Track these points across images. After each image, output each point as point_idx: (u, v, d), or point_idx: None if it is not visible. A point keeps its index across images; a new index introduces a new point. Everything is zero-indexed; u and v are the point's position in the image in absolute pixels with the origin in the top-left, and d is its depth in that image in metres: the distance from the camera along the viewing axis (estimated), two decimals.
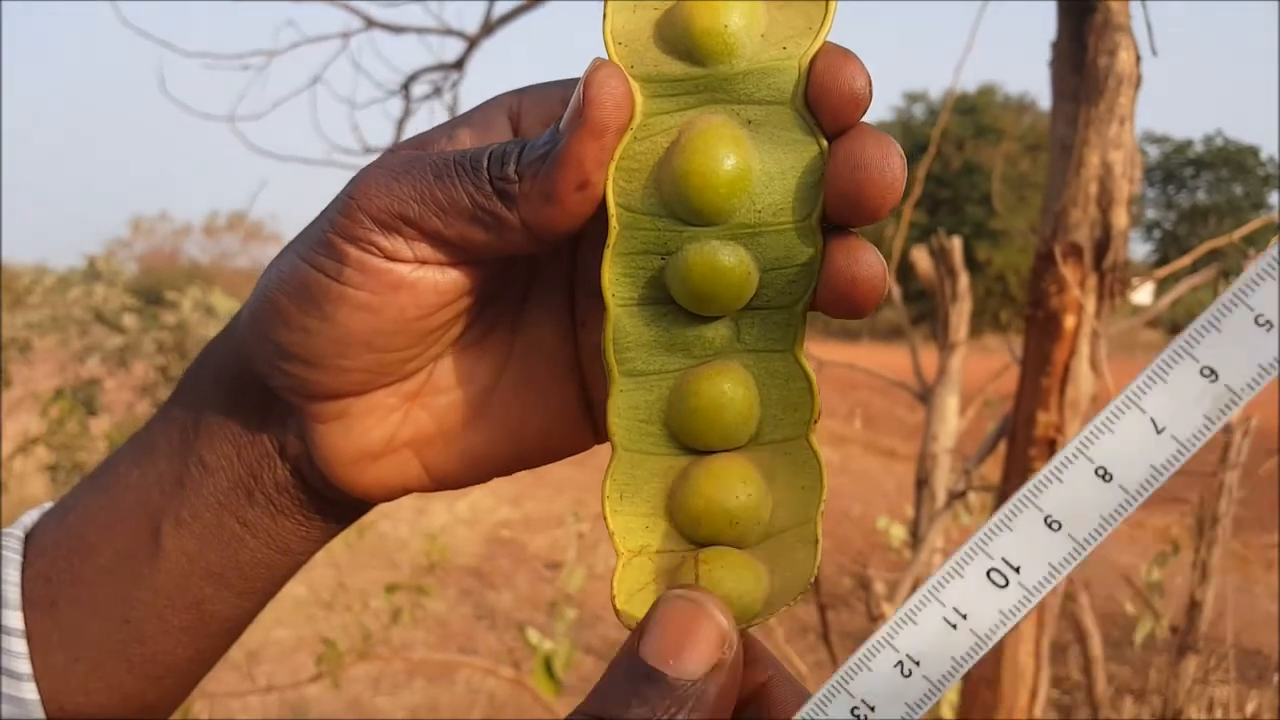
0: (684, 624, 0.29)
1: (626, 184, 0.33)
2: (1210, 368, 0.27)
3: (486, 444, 0.39)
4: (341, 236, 0.34)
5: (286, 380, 0.37)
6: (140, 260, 27.80)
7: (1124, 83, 1.46)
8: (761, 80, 0.33)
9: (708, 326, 0.34)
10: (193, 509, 0.40)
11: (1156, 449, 0.27)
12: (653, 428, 0.35)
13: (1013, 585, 0.27)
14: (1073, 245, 1.48)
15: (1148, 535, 4.56)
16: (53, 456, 4.26)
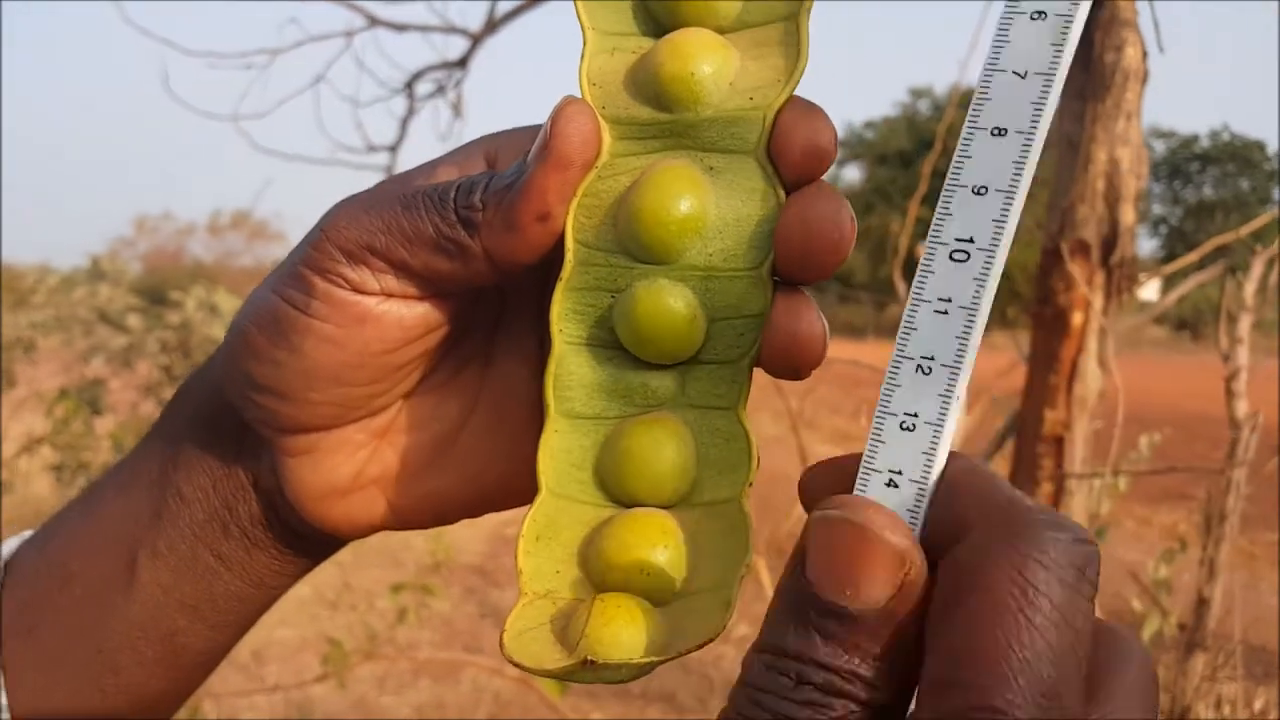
0: (851, 548, 0.25)
1: (586, 220, 0.33)
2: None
3: (452, 485, 0.39)
4: (310, 268, 0.35)
5: (258, 412, 0.37)
6: (144, 259, 27.88)
7: (1131, 79, 1.45)
8: (726, 129, 0.33)
9: (653, 375, 0.34)
10: (169, 540, 0.40)
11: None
12: (582, 474, 0.34)
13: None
14: (1080, 242, 1.48)
15: (1155, 532, 4.55)
16: (58, 456, 4.26)
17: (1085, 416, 1.51)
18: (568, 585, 0.33)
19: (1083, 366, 1.49)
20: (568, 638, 0.31)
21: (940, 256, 0.28)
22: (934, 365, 0.27)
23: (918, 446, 0.27)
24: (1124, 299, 1.51)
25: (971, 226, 0.28)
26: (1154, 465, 2.34)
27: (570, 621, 0.31)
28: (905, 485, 0.27)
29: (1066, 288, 1.49)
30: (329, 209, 0.36)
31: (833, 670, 0.24)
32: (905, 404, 0.27)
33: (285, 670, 3.09)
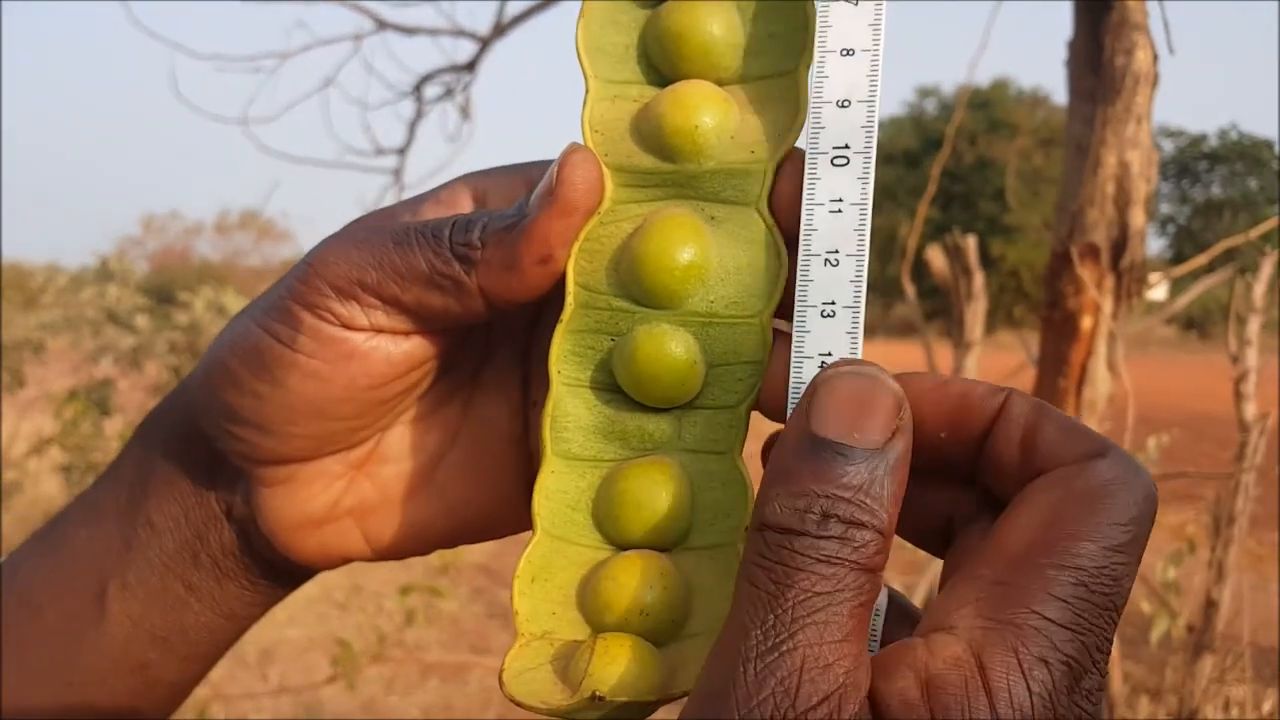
0: (859, 394, 0.28)
1: (587, 264, 0.34)
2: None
3: (428, 517, 0.39)
4: (298, 303, 0.35)
5: (234, 444, 0.37)
6: (152, 258, 27.90)
7: (1141, 82, 1.44)
8: (727, 180, 0.33)
9: (649, 419, 0.34)
10: (139, 572, 0.40)
11: None
12: (578, 515, 0.34)
13: (839, 313, 0.31)
14: (1090, 246, 1.47)
15: (1164, 534, 4.54)
16: (67, 457, 4.28)
17: (1094, 420, 1.50)
18: (565, 626, 0.33)
19: (1092, 370, 1.49)
20: (569, 677, 0.31)
21: None
22: (839, 257, 0.31)
23: (840, 329, 0.31)
24: (1134, 302, 1.51)
25: None
26: (1162, 468, 2.33)
27: (571, 661, 0.31)
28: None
29: (1076, 291, 1.48)
30: (316, 245, 0.36)
31: (852, 502, 0.26)
32: (822, 295, 0.31)
33: (293, 670, 3.10)
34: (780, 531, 0.26)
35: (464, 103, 2.80)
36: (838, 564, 0.26)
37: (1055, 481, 0.28)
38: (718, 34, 0.34)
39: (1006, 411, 0.30)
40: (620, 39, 0.35)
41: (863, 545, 0.26)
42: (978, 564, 0.27)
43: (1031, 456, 0.29)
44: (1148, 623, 2.11)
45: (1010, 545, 0.27)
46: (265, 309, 0.36)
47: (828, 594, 0.25)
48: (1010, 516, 0.28)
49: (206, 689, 2.51)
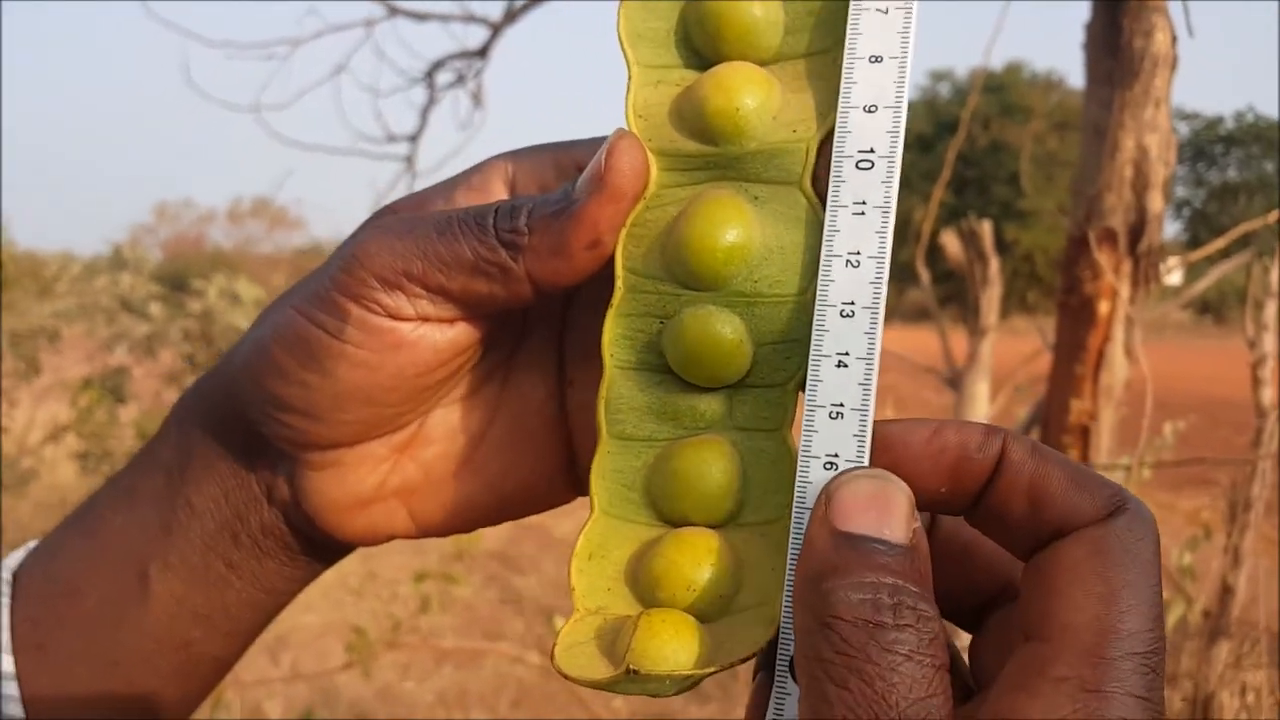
0: (876, 495, 0.28)
1: (635, 248, 0.34)
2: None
3: (471, 495, 0.40)
4: (344, 294, 0.35)
5: (281, 430, 0.37)
6: (164, 246, 28.00)
7: (1160, 64, 1.43)
8: (770, 160, 0.34)
9: (700, 399, 0.34)
10: (180, 553, 0.40)
11: None
12: (634, 494, 0.35)
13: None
14: (1107, 230, 1.46)
15: (1179, 519, 4.52)
16: (82, 444, 4.30)
17: (1111, 406, 1.50)
18: (618, 602, 0.34)
19: (1109, 356, 1.48)
20: (615, 651, 0.31)
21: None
22: (861, 259, 0.31)
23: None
24: (1151, 287, 1.50)
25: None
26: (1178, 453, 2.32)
27: (618, 636, 0.32)
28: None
29: (1093, 276, 1.47)
30: (356, 233, 0.36)
31: (916, 590, 0.26)
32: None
33: (309, 657, 3.12)
34: (855, 624, 0.26)
35: (476, 89, 2.79)
36: (924, 662, 0.26)
37: (1089, 548, 0.28)
38: (758, 14, 0.34)
39: (1006, 459, 0.30)
40: (660, 24, 0.35)
41: (935, 639, 0.26)
42: (1050, 660, 0.27)
43: (1041, 509, 0.29)
44: (1164, 608, 2.10)
45: (1077, 632, 0.27)
46: (309, 299, 0.36)
47: (926, 699, 0.25)
48: (1061, 594, 0.28)
49: None
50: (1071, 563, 0.28)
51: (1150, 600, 0.28)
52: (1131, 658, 0.27)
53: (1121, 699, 0.26)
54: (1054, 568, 0.29)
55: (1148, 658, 0.27)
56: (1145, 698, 0.27)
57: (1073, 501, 0.29)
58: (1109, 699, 0.26)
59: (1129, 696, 0.26)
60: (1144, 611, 0.27)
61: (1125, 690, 0.26)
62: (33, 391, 4.66)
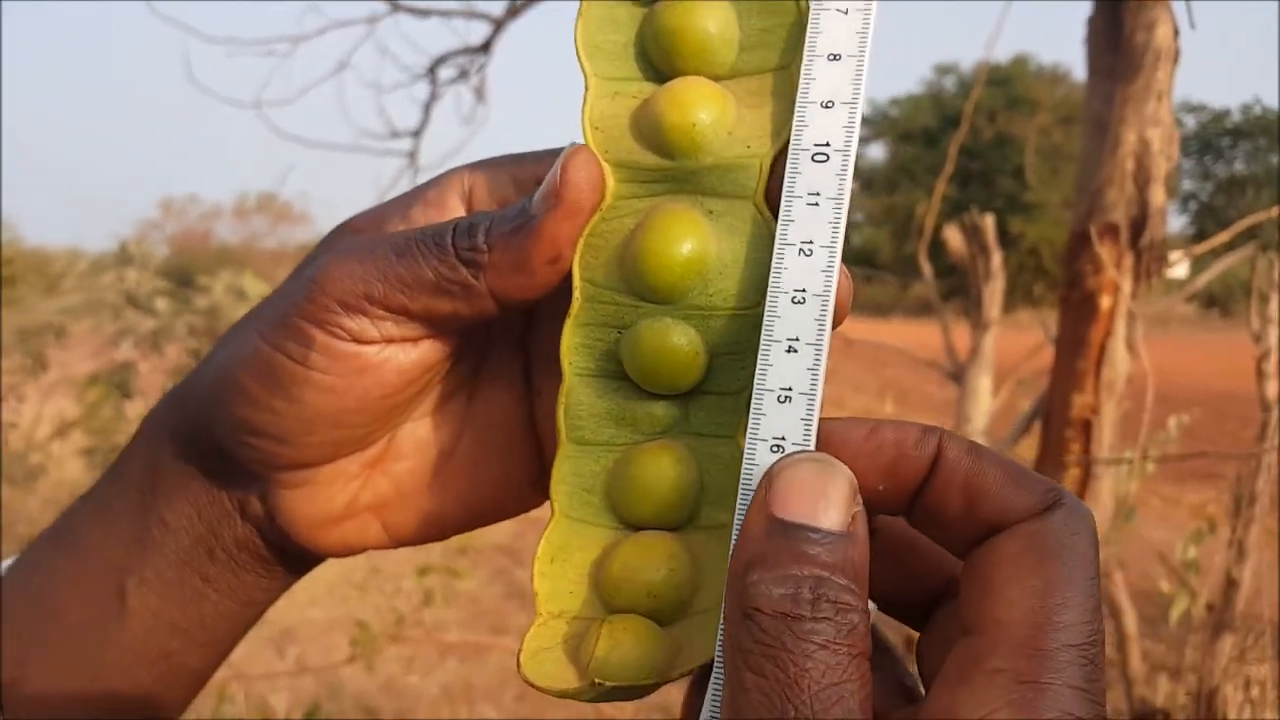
0: (816, 480, 0.29)
1: (593, 259, 0.35)
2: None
3: (444, 506, 0.41)
4: (308, 320, 0.35)
5: (252, 454, 0.38)
6: (171, 241, 28.00)
7: (1162, 58, 1.43)
8: (725, 175, 0.34)
9: (657, 405, 0.35)
10: (155, 568, 0.41)
11: None
12: (593, 498, 0.35)
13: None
14: (1109, 225, 1.46)
15: (1183, 512, 4.51)
16: (90, 440, 4.31)
17: (1113, 401, 1.50)
18: (581, 605, 0.34)
19: (1111, 350, 1.48)
20: (579, 658, 0.32)
21: None
22: (814, 248, 0.32)
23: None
24: (1153, 282, 1.50)
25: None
26: (1183, 447, 2.32)
27: (582, 642, 0.33)
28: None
29: (1095, 271, 1.47)
30: (315, 256, 0.37)
31: (837, 583, 0.27)
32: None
33: (314, 651, 3.13)
34: (774, 616, 0.27)
35: (478, 84, 2.79)
36: (839, 650, 0.26)
37: (1025, 542, 0.29)
38: (713, 31, 0.34)
39: (942, 457, 0.30)
40: (618, 37, 0.36)
41: (854, 629, 0.27)
42: (985, 654, 0.27)
43: (977, 506, 0.30)
44: (1168, 602, 2.10)
45: (1013, 626, 0.27)
46: (274, 325, 0.36)
47: (838, 685, 0.26)
48: (997, 589, 0.28)
49: (227, 670, 2.53)
50: (1007, 558, 0.29)
51: (1086, 592, 0.28)
52: (1068, 649, 0.27)
53: (1058, 690, 0.26)
54: (990, 563, 0.29)
55: (1085, 649, 0.27)
56: (1083, 688, 0.27)
57: (1008, 497, 0.29)
58: (1044, 690, 0.26)
59: (1065, 687, 0.27)
60: (1080, 603, 0.28)
61: (1062, 681, 0.27)
62: (40, 387, 4.67)
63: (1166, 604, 2.13)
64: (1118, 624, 2.01)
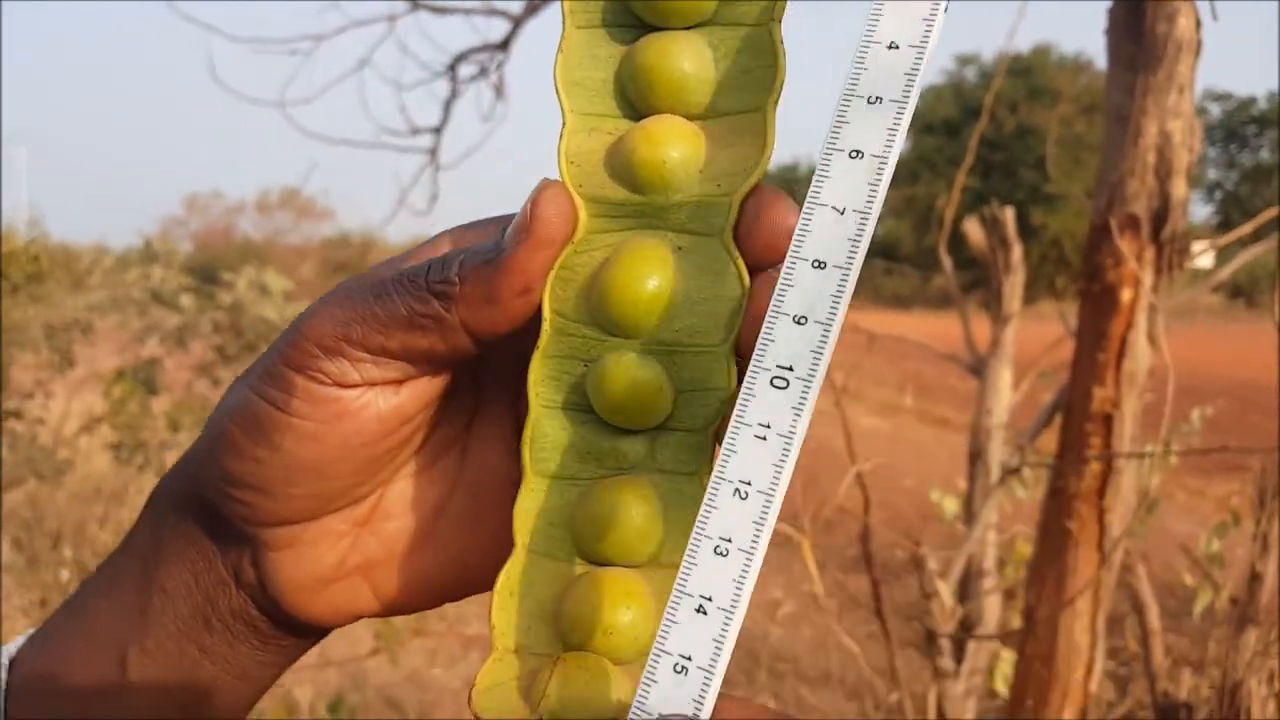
0: None
1: (562, 291, 0.35)
2: (856, 149, 0.31)
3: (435, 567, 0.40)
4: (289, 366, 0.36)
5: (237, 508, 0.38)
6: (195, 238, 28.17)
7: (1183, 49, 1.42)
8: (695, 212, 0.34)
9: (623, 440, 0.35)
10: (156, 638, 0.40)
11: (843, 226, 0.31)
12: (556, 531, 0.35)
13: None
14: (1130, 217, 1.45)
15: (1208, 505, 4.48)
16: (116, 435, 4.35)
17: (1134, 394, 1.49)
18: (538, 641, 0.34)
19: (1132, 343, 1.48)
20: (531, 696, 0.32)
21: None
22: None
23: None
24: (1175, 274, 1.49)
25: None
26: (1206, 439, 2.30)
27: (535, 679, 0.32)
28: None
29: (1115, 264, 1.47)
30: (306, 309, 0.37)
31: None
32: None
33: (338, 643, 3.15)
34: None
35: (498, 82, 2.80)
36: None
37: None
38: (689, 70, 0.35)
39: None
40: (598, 73, 0.36)
41: None
42: None
43: None
44: (1191, 595, 2.09)
45: None
46: (260, 375, 0.37)
47: None
48: None
49: None
50: None
51: None
52: None
53: None
54: None
55: None
56: None
57: None
58: None
59: None
60: None
61: None
62: (67, 383, 4.72)
63: (1190, 597, 2.12)
64: (1141, 618, 2.00)
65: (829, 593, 2.60)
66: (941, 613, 2.09)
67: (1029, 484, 2.62)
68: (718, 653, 0.29)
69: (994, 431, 2.71)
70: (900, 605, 3.39)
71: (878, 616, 2.05)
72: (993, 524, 2.75)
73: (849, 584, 4.02)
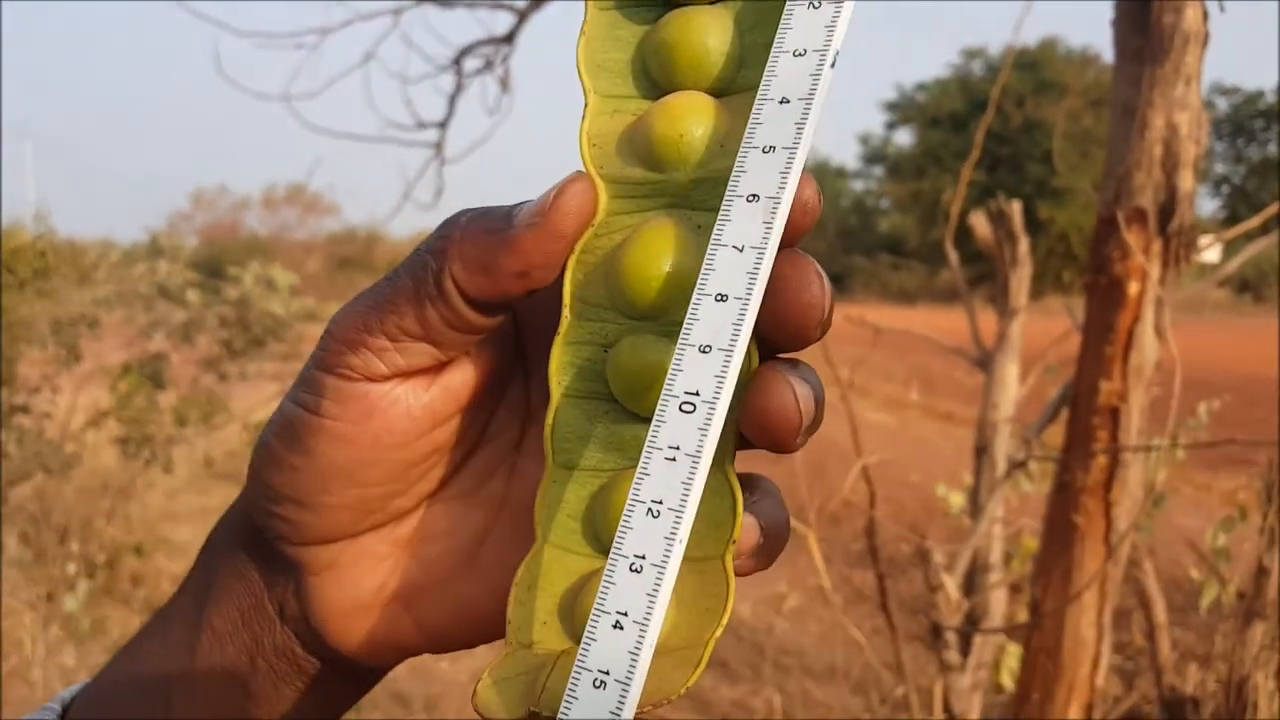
0: None
1: (583, 276, 0.34)
2: (753, 194, 0.31)
3: (477, 595, 0.39)
4: (320, 369, 0.36)
5: (277, 525, 0.37)
6: (201, 233, 28.18)
7: (1190, 41, 1.42)
8: (714, 189, 0.33)
9: (645, 429, 0.33)
10: (201, 680, 0.40)
11: (741, 263, 0.31)
12: (576, 524, 0.34)
13: (664, 514, 0.29)
14: (1136, 210, 1.45)
15: (1214, 499, 4.48)
16: (123, 429, 4.37)
17: (1141, 387, 1.49)
18: (552, 637, 0.33)
19: (1139, 337, 1.47)
20: (533, 690, 0.31)
21: None
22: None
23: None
24: (1182, 268, 1.49)
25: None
26: (1212, 433, 2.29)
27: (539, 674, 0.31)
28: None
29: (1122, 256, 1.46)
30: None
31: None
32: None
33: None
34: None
35: (503, 75, 2.80)
36: None
37: None
38: (711, 45, 0.34)
39: None
40: (620, 55, 0.35)
41: None
42: None
43: None
44: (1197, 590, 2.09)
45: None
46: (296, 384, 0.37)
47: None
48: None
49: None
50: None
51: None
52: None
53: None
54: None
55: None
56: None
57: None
58: None
59: None
60: None
61: None
62: (74, 378, 4.73)
63: (1196, 592, 2.11)
64: (1147, 612, 2.00)
65: (835, 587, 2.60)
66: (947, 607, 2.09)
67: (1035, 478, 2.61)
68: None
69: (1000, 425, 2.71)
70: (906, 599, 3.39)
71: (883, 610, 2.05)
72: (998, 518, 2.75)
73: (854, 578, 4.01)
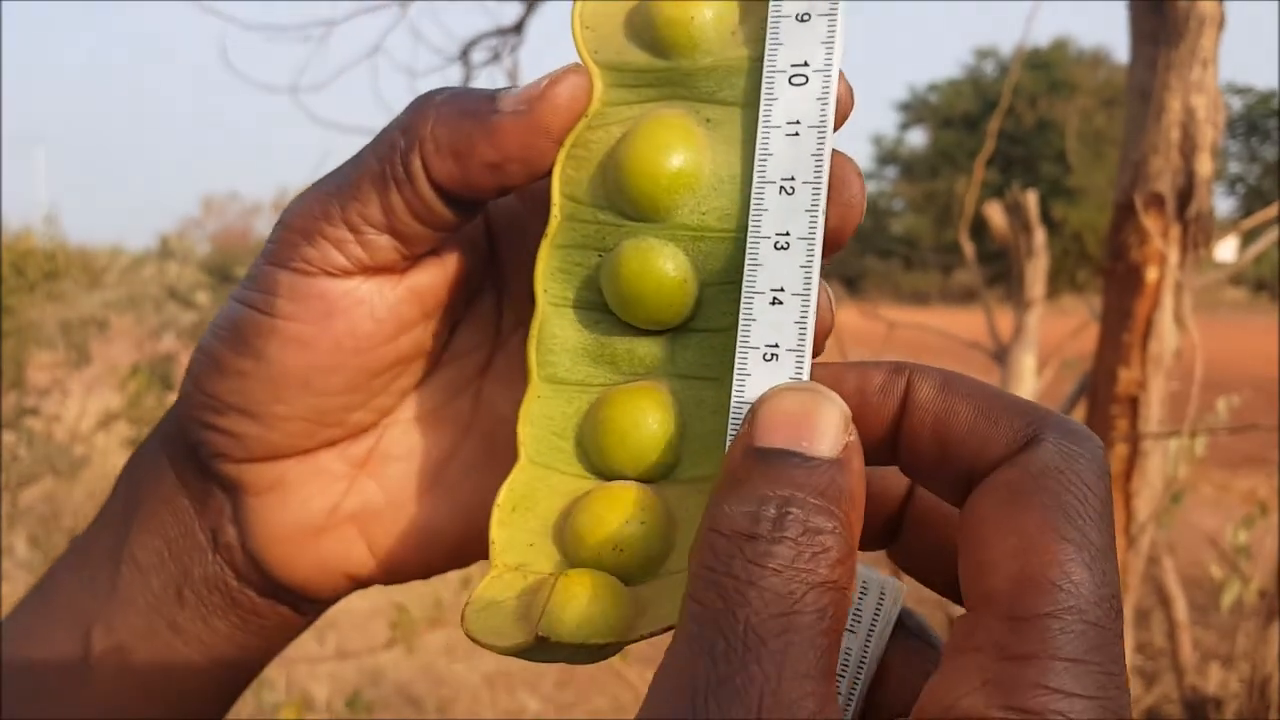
0: (802, 408, 0.25)
1: (574, 172, 0.31)
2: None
3: (438, 522, 0.36)
4: (272, 263, 0.32)
5: (219, 440, 0.34)
6: (212, 239, 28.33)
7: (1206, 23, 1.39)
8: (725, 79, 0.30)
9: (640, 342, 0.31)
10: (123, 615, 0.36)
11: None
12: (564, 443, 0.32)
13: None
14: (1154, 195, 1.42)
15: (1234, 498, 4.43)
16: (133, 430, 4.37)
17: (1161, 375, 1.46)
18: (541, 559, 0.31)
19: (1158, 323, 1.44)
20: (530, 614, 0.29)
21: None
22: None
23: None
24: (1201, 254, 1.46)
25: None
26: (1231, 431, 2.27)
27: (535, 597, 0.29)
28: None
29: (1140, 242, 1.44)
30: None
31: (811, 501, 0.23)
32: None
33: (355, 637, 3.15)
34: (729, 536, 0.23)
35: (512, 67, 2.79)
36: (795, 575, 0.22)
37: (1002, 492, 0.24)
38: None
39: (911, 398, 0.27)
40: None
41: (823, 552, 0.23)
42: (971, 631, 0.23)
43: (948, 448, 0.26)
44: (1218, 588, 2.06)
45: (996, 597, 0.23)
46: (244, 282, 0.33)
47: (786, 615, 0.22)
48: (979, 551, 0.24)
49: None
50: (986, 512, 0.24)
51: (1082, 542, 0.23)
52: (1061, 616, 0.22)
53: (1044, 664, 0.22)
54: (972, 521, 0.25)
55: (1084, 612, 0.22)
56: (1080, 660, 0.22)
57: (980, 436, 0.25)
58: (1027, 666, 0.22)
59: (1057, 660, 0.22)
60: (1073, 557, 0.23)
61: (1049, 653, 0.22)
62: (83, 380, 4.74)
63: (1218, 590, 2.09)
64: (1168, 611, 1.98)
65: None
66: None
67: None
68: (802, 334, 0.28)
69: None
70: (921, 598, 3.36)
71: None
72: None
73: None
